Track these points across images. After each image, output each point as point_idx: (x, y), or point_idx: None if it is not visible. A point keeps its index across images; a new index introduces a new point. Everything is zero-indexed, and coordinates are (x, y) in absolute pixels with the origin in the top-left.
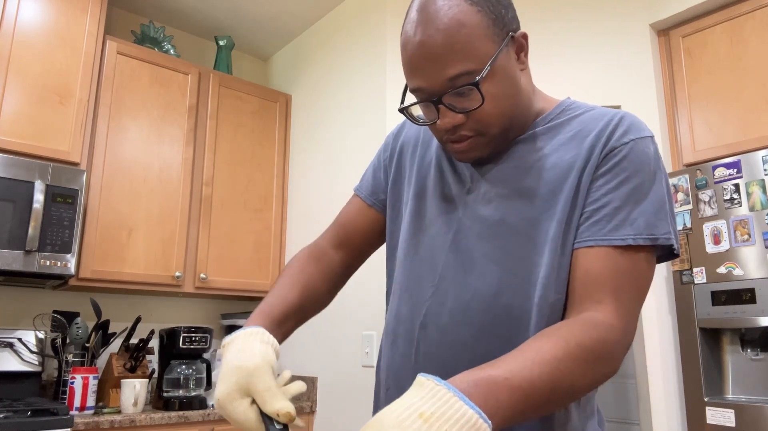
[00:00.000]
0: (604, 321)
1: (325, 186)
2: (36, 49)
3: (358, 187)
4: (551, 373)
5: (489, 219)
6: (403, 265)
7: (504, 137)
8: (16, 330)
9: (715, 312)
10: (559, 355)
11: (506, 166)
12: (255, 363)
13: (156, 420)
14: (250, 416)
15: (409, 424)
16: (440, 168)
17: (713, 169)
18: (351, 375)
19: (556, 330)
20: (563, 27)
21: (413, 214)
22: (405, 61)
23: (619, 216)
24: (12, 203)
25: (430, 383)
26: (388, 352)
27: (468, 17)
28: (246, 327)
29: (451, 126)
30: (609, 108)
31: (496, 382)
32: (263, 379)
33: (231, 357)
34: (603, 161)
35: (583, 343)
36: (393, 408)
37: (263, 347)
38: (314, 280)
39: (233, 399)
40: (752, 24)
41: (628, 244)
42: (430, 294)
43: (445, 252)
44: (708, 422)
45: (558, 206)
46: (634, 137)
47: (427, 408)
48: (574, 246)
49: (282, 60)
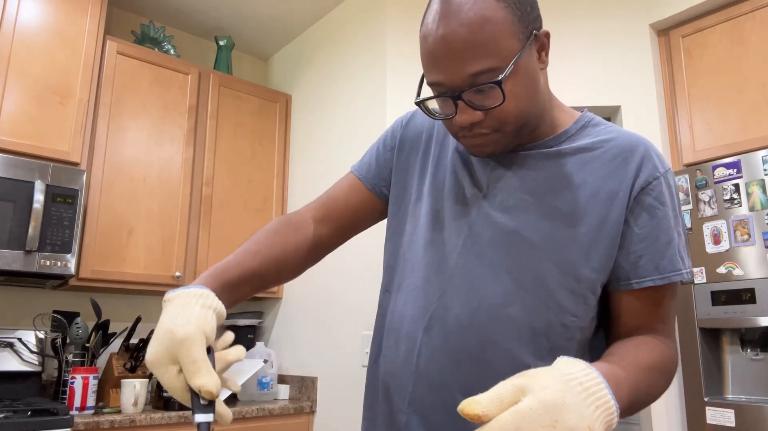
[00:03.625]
0: (667, 344)
1: (325, 186)
2: (36, 49)
3: (357, 166)
4: (647, 380)
5: (503, 228)
6: (411, 264)
7: (519, 135)
8: (16, 330)
9: (715, 312)
10: (651, 365)
11: (527, 178)
12: (186, 332)
13: (156, 420)
14: (176, 384)
15: (573, 386)
16: (456, 170)
17: (713, 169)
18: (351, 375)
19: (638, 344)
20: (563, 27)
21: (426, 214)
22: (425, 54)
23: (668, 252)
24: (12, 203)
25: (582, 363)
26: (390, 352)
27: (493, 13)
28: (191, 286)
29: (468, 123)
30: (629, 131)
31: (620, 379)
32: (192, 350)
33: (166, 319)
34: (639, 196)
35: (662, 359)
36: (552, 370)
37: (202, 312)
38: (284, 250)
39: (161, 364)
40: (752, 24)
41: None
42: (437, 298)
43: (455, 256)
44: (708, 422)
45: (580, 230)
46: (662, 170)
47: (585, 381)
48: (633, 286)
49: (282, 60)
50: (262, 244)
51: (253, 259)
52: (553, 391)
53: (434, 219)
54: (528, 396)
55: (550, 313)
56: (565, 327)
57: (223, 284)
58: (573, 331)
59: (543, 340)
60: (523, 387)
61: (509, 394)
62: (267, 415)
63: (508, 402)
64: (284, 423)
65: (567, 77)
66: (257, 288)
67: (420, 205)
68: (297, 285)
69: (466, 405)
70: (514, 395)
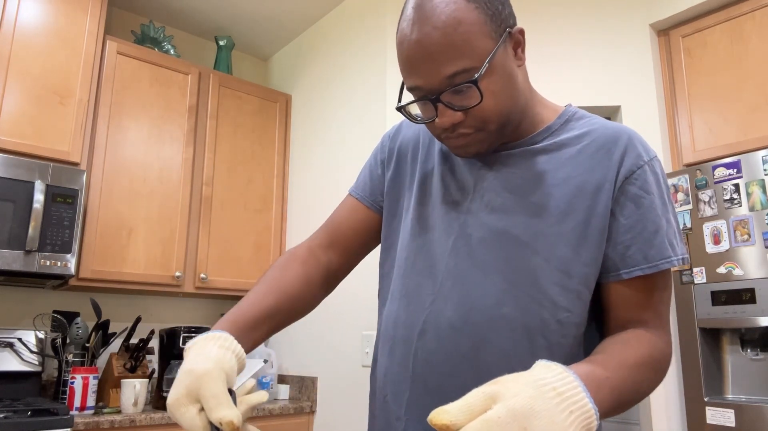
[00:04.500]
0: (660, 337)
1: (325, 186)
2: (36, 49)
3: (354, 188)
4: (634, 378)
5: (492, 228)
6: (402, 270)
7: (502, 133)
8: (16, 330)
9: (715, 312)
10: (639, 362)
11: (512, 176)
12: (205, 368)
13: (156, 420)
14: (196, 423)
15: (545, 392)
16: (442, 173)
17: (713, 169)
18: (351, 375)
19: (627, 339)
20: (563, 27)
21: (414, 219)
22: (402, 60)
23: (656, 240)
24: (12, 203)
25: (558, 367)
26: (385, 360)
27: (465, 14)
28: (208, 332)
29: (449, 124)
30: (612, 122)
31: (601, 380)
32: (212, 385)
33: (186, 362)
34: (623, 186)
35: (652, 354)
36: (526, 376)
37: (220, 352)
38: (295, 284)
39: (181, 405)
40: (752, 24)
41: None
42: (430, 302)
43: (445, 258)
44: (708, 422)
45: (568, 225)
46: (647, 158)
47: (559, 386)
48: (622, 276)
49: (282, 60)
50: (273, 282)
51: (265, 299)
52: (522, 398)
53: (423, 224)
54: (497, 404)
55: (543, 311)
56: (560, 323)
57: (240, 327)
58: (568, 327)
59: (539, 338)
60: (494, 395)
61: (479, 402)
62: (267, 415)
63: (478, 410)
64: (284, 423)
65: (567, 77)
66: (275, 327)
67: (410, 213)
68: None
69: (435, 415)
70: (485, 403)
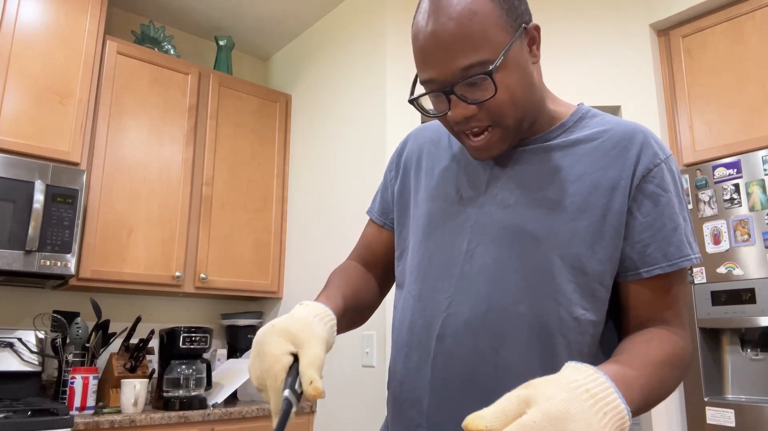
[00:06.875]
0: (680, 334)
1: (325, 186)
2: (36, 49)
3: (370, 209)
4: (660, 376)
5: (506, 225)
6: (415, 274)
7: (518, 130)
8: (16, 330)
9: (715, 312)
10: (663, 360)
11: (525, 173)
12: (317, 328)
13: (156, 420)
14: (283, 360)
15: (578, 395)
16: (455, 175)
17: (713, 169)
18: (351, 375)
19: (650, 338)
20: (563, 27)
21: (425, 223)
22: (416, 52)
23: (675, 238)
24: (12, 203)
25: (589, 368)
26: (402, 366)
27: (481, 6)
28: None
29: (462, 117)
30: (626, 120)
31: (631, 379)
32: (315, 344)
33: (293, 311)
34: (640, 184)
35: (675, 352)
36: (558, 378)
37: (330, 331)
38: (362, 284)
39: (276, 333)
40: (752, 24)
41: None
42: (446, 306)
43: (460, 259)
44: (708, 422)
45: (583, 222)
46: (663, 156)
47: (592, 388)
48: (642, 275)
49: (282, 60)
50: (349, 279)
51: (347, 287)
52: (557, 401)
53: (436, 226)
54: (532, 408)
55: (560, 308)
56: (577, 321)
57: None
58: (585, 325)
59: (557, 336)
60: (528, 399)
61: (514, 407)
62: (267, 415)
63: (513, 415)
64: None
65: (567, 77)
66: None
67: (419, 218)
68: (297, 285)
69: (470, 420)
70: (519, 407)
